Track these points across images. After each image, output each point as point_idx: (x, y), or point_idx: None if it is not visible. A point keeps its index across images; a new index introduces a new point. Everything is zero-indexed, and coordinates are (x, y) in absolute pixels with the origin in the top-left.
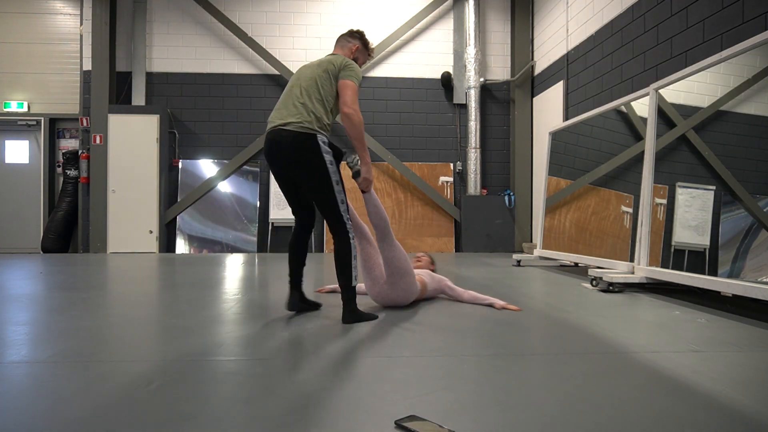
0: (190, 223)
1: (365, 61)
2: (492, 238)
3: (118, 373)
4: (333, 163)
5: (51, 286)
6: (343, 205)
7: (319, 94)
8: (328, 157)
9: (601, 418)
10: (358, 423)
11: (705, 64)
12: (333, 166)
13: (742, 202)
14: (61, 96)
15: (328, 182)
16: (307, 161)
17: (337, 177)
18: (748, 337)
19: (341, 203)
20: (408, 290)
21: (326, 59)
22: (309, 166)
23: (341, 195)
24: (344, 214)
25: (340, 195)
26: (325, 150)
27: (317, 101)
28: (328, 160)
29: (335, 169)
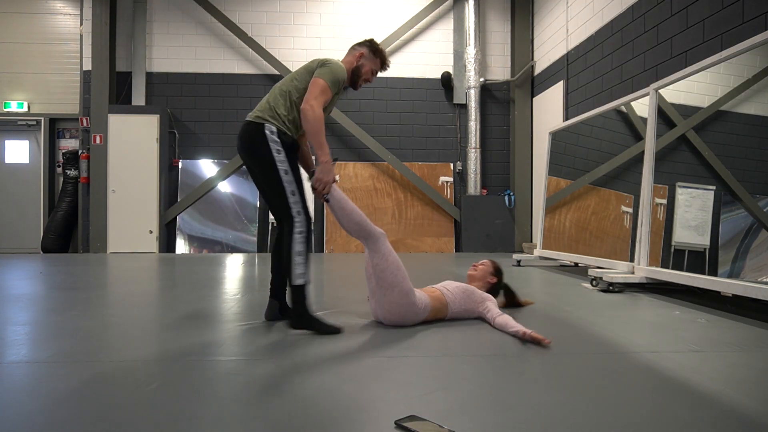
0: (190, 223)
1: (375, 70)
2: (492, 238)
3: (118, 373)
4: (281, 152)
5: (51, 286)
6: (294, 196)
7: (286, 88)
8: (274, 146)
9: (601, 418)
10: (358, 423)
11: (705, 64)
12: (281, 155)
13: (742, 202)
14: (61, 96)
15: (275, 171)
16: (253, 150)
17: (286, 167)
18: (748, 337)
19: (291, 193)
20: (397, 311)
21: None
22: (255, 154)
23: (292, 186)
24: (294, 206)
25: (290, 185)
26: (272, 139)
27: (280, 94)
28: (275, 149)
29: (283, 158)
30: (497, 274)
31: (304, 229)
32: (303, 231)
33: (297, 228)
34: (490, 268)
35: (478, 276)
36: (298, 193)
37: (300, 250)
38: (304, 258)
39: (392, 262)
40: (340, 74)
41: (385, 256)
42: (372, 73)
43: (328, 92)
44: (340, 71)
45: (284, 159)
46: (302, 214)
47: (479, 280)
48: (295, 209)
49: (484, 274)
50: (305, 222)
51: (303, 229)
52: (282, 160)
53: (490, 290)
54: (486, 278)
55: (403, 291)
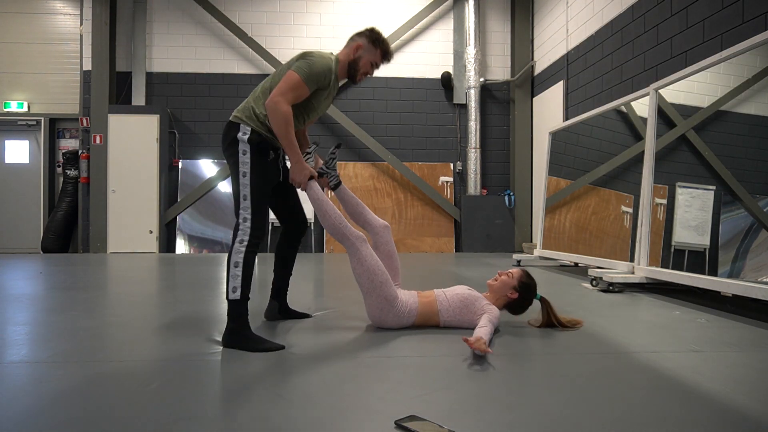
0: (190, 223)
1: (375, 62)
2: (492, 238)
3: (118, 373)
4: (246, 153)
5: (51, 286)
6: (245, 201)
7: (268, 85)
8: (242, 146)
9: (601, 418)
10: (358, 423)
11: (705, 64)
12: (246, 156)
13: (742, 202)
14: (61, 96)
15: (236, 172)
16: (225, 150)
17: (246, 169)
18: (748, 337)
19: (243, 198)
20: (377, 314)
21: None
22: (226, 154)
23: (245, 189)
24: (242, 211)
25: (243, 189)
26: (241, 140)
27: (261, 92)
28: (241, 150)
29: (246, 159)
30: (521, 289)
31: (247, 238)
32: (245, 241)
33: (239, 236)
34: (513, 281)
35: (495, 287)
36: (251, 199)
37: (237, 261)
38: (242, 270)
39: (368, 268)
40: (320, 68)
41: (360, 261)
42: (372, 65)
43: (302, 88)
44: (321, 65)
45: (247, 161)
46: (248, 222)
47: (496, 291)
48: (242, 215)
49: (504, 286)
50: (251, 231)
51: (245, 239)
52: (245, 162)
53: (509, 305)
54: (505, 291)
55: (381, 296)
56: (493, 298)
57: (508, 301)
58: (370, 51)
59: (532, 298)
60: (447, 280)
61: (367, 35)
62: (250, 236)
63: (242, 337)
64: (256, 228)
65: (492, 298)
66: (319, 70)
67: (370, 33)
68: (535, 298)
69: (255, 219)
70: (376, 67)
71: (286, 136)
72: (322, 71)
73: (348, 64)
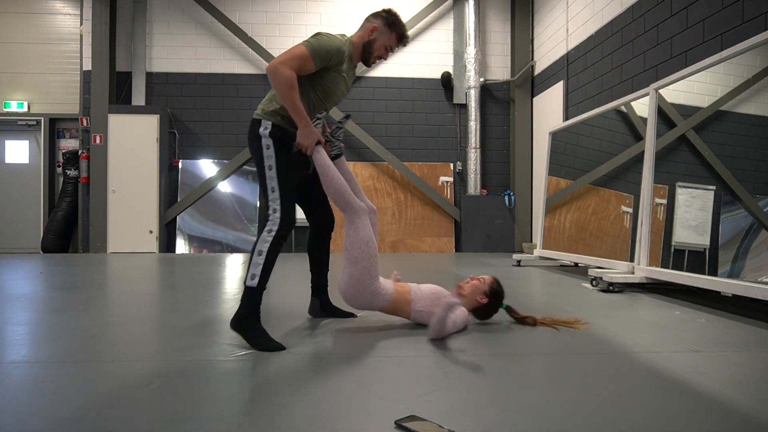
0: (190, 223)
1: (389, 46)
2: (492, 238)
3: (118, 373)
4: (270, 148)
5: (51, 286)
6: (273, 192)
7: None
8: (264, 141)
9: (600, 418)
10: (358, 423)
11: (705, 64)
12: (269, 150)
13: (742, 202)
14: (61, 96)
15: (261, 167)
16: (250, 146)
17: (271, 162)
18: (748, 337)
19: (271, 190)
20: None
21: None
22: (251, 150)
23: (272, 182)
24: (271, 203)
25: (271, 181)
26: (263, 134)
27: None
28: (264, 145)
29: (270, 153)
30: (491, 295)
31: (275, 228)
32: (273, 231)
33: (267, 226)
34: (484, 287)
35: (466, 290)
36: (278, 191)
37: (261, 249)
38: (264, 259)
39: (363, 237)
40: (329, 45)
41: (357, 229)
42: (386, 49)
43: (306, 60)
44: (330, 43)
45: (272, 155)
46: (278, 213)
47: (466, 296)
48: (271, 207)
49: (474, 290)
50: (280, 222)
51: (273, 229)
52: (269, 156)
53: (477, 310)
54: (475, 296)
55: (365, 268)
56: (464, 301)
57: (477, 305)
58: (386, 34)
59: (499, 306)
60: (447, 280)
61: (383, 17)
62: (279, 227)
63: (250, 326)
64: (285, 218)
65: (464, 302)
66: (327, 46)
67: (387, 15)
68: (501, 307)
69: (284, 209)
70: (391, 51)
71: (290, 100)
72: (330, 49)
73: (362, 46)
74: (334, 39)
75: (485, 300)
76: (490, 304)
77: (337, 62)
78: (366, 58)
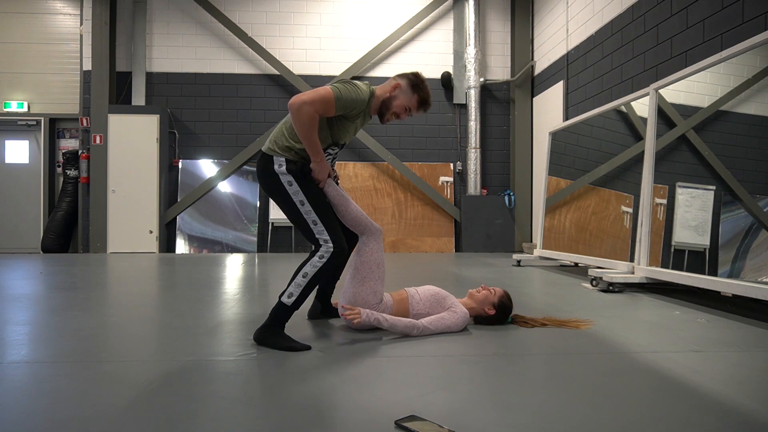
0: (190, 223)
1: (409, 108)
2: (492, 238)
3: (118, 373)
4: (293, 183)
5: (51, 286)
6: (315, 225)
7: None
8: (284, 178)
9: (601, 418)
10: (358, 423)
11: (705, 64)
12: (293, 186)
13: (742, 202)
14: (61, 96)
15: (292, 204)
16: (267, 185)
17: (301, 197)
18: (748, 337)
19: (313, 223)
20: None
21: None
22: (269, 189)
23: (311, 215)
24: (319, 235)
25: (309, 215)
26: (281, 172)
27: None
28: (285, 182)
29: (296, 189)
30: (499, 308)
31: (328, 256)
32: (324, 257)
33: (320, 251)
34: (494, 298)
35: (477, 298)
36: (321, 222)
37: (307, 272)
38: (308, 283)
39: (375, 259)
40: (355, 97)
41: (372, 251)
42: (405, 110)
43: (329, 105)
44: (356, 94)
45: (298, 190)
46: (330, 242)
47: (476, 302)
48: (321, 239)
49: (485, 299)
50: (333, 250)
51: (326, 256)
52: (296, 192)
53: (481, 318)
54: (483, 305)
55: (372, 290)
56: (471, 306)
57: (483, 314)
58: (407, 94)
59: (504, 321)
60: (447, 280)
61: (409, 77)
62: (332, 254)
63: (273, 333)
64: (338, 243)
65: (468, 305)
66: (353, 97)
67: (413, 77)
68: (506, 322)
69: (334, 237)
70: (409, 113)
71: (309, 137)
72: (355, 101)
73: (381, 101)
74: (361, 91)
75: (492, 311)
76: (495, 317)
77: (355, 114)
78: (382, 113)
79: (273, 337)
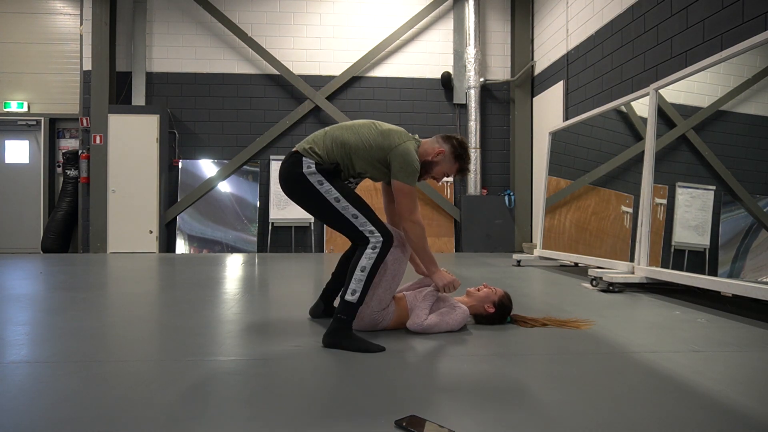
0: (190, 223)
1: (447, 174)
2: (492, 238)
3: (118, 373)
4: (323, 183)
5: (51, 286)
6: (357, 219)
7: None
8: (314, 178)
9: (600, 418)
10: (358, 423)
11: (705, 64)
12: (324, 185)
13: (742, 202)
14: (61, 96)
15: (326, 204)
16: (294, 189)
17: (336, 194)
18: (748, 337)
19: (353, 217)
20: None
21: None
22: (295, 191)
23: (349, 210)
24: (363, 227)
25: (347, 210)
26: (309, 173)
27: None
28: (316, 182)
29: (328, 187)
30: (499, 306)
31: (380, 245)
32: (377, 247)
33: (371, 243)
34: (494, 297)
35: (477, 296)
36: (362, 214)
37: (365, 265)
38: (367, 275)
39: (391, 270)
40: (415, 164)
41: (394, 261)
42: (443, 175)
43: (415, 193)
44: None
45: (330, 188)
46: (376, 232)
47: (476, 300)
48: (366, 231)
49: (486, 297)
50: (383, 239)
51: (378, 246)
52: (328, 190)
53: (480, 317)
54: (483, 303)
55: (378, 298)
56: (469, 303)
57: (483, 312)
58: (449, 162)
59: (503, 320)
60: None
61: (454, 146)
62: (383, 243)
63: (344, 336)
64: (385, 232)
65: (468, 303)
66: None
67: (458, 145)
68: (506, 322)
69: (378, 227)
70: (444, 177)
71: (424, 251)
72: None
73: (422, 162)
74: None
75: (492, 310)
76: (494, 315)
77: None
78: (420, 174)
79: (346, 339)
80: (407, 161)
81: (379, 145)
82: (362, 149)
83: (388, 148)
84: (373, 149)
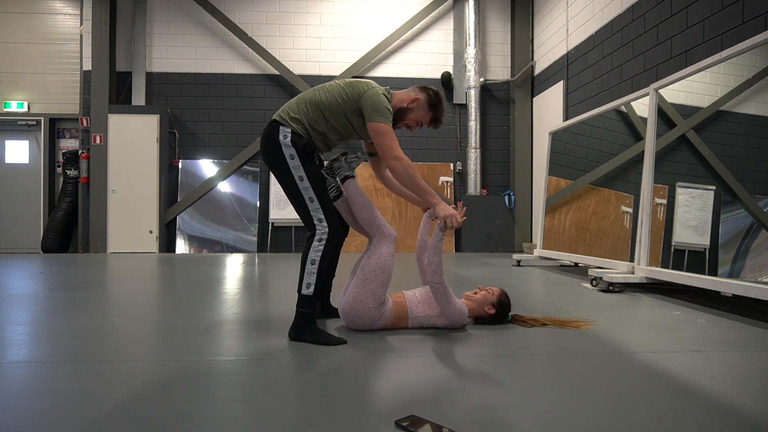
0: (190, 223)
1: (421, 122)
2: (492, 238)
3: (118, 373)
4: (294, 158)
5: (51, 286)
6: (312, 203)
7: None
8: (287, 150)
9: (600, 418)
10: (358, 423)
11: (705, 64)
12: (294, 160)
13: (742, 202)
14: (61, 96)
15: (289, 178)
16: (268, 155)
17: (301, 173)
18: (748, 337)
19: (309, 200)
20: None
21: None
22: (270, 160)
23: (308, 192)
24: (314, 213)
25: (306, 192)
26: (284, 143)
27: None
28: (288, 154)
29: (297, 163)
30: (498, 306)
31: (326, 237)
32: (323, 240)
33: (317, 236)
34: (492, 298)
35: (475, 299)
36: (317, 200)
37: (314, 258)
38: (318, 268)
39: (382, 263)
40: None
41: (381, 255)
42: (417, 123)
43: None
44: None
45: (298, 164)
46: (324, 221)
47: (475, 303)
48: (315, 217)
49: (484, 300)
50: (329, 231)
51: (323, 238)
52: (296, 166)
53: (481, 319)
54: (483, 305)
55: (373, 293)
56: (468, 306)
57: (483, 315)
58: (423, 110)
59: (505, 319)
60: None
61: (429, 94)
62: (329, 235)
63: (308, 331)
64: (333, 225)
65: (468, 305)
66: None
67: (433, 94)
68: (507, 320)
69: (329, 217)
70: (419, 127)
71: (416, 185)
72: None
73: (398, 110)
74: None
75: (492, 311)
76: (495, 316)
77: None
78: (395, 121)
79: (309, 333)
80: (377, 102)
81: (348, 95)
82: (335, 104)
83: (358, 95)
84: (344, 101)
